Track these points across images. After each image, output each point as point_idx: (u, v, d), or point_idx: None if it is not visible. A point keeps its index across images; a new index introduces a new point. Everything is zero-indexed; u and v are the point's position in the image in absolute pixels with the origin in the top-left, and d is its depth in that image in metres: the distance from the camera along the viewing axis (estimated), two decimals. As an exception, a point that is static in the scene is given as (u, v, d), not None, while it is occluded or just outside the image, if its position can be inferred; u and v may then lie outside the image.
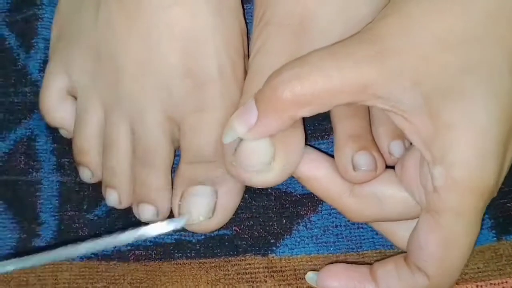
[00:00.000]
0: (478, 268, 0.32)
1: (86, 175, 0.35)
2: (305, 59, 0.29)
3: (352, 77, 0.27)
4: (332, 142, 0.35)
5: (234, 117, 0.30)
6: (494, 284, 0.32)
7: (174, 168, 0.34)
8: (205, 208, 0.32)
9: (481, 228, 0.33)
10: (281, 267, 0.33)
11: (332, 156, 0.32)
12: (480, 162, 0.27)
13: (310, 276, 0.32)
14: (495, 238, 0.33)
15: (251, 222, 0.34)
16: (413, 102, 0.27)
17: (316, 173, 0.31)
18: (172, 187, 0.34)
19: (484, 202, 0.28)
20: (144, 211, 0.33)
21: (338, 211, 0.32)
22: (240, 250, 0.34)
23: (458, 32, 0.27)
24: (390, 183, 0.31)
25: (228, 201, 0.33)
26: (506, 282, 0.31)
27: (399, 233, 0.32)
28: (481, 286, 0.32)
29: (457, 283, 0.32)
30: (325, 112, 0.34)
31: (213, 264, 0.33)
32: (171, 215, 0.34)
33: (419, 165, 0.29)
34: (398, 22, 0.28)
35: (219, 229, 0.34)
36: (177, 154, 0.35)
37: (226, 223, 0.34)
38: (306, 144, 0.32)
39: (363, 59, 0.27)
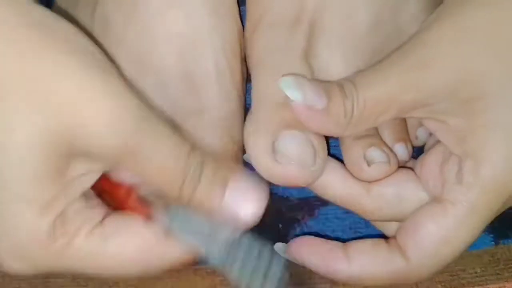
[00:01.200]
0: (475, 272, 0.33)
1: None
2: (359, 73, 0.31)
3: (394, 90, 0.29)
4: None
5: (306, 83, 0.30)
6: (492, 289, 0.32)
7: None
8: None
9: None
10: (277, 273, 0.34)
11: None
12: (506, 164, 0.28)
13: (278, 246, 0.33)
14: (492, 242, 0.34)
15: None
16: (451, 107, 0.29)
17: (329, 177, 0.32)
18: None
19: (501, 205, 0.29)
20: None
21: (334, 214, 0.32)
22: (237, 255, 0.34)
23: (504, 41, 0.29)
24: (410, 181, 0.31)
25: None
26: (504, 286, 0.32)
27: None
28: (479, 290, 0.33)
29: (455, 288, 0.32)
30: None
31: (209, 270, 0.34)
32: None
33: (443, 160, 0.30)
34: (448, 29, 0.29)
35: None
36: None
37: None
38: None
39: (406, 70, 0.29)
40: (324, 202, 0.35)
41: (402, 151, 0.33)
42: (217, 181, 0.28)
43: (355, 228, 0.35)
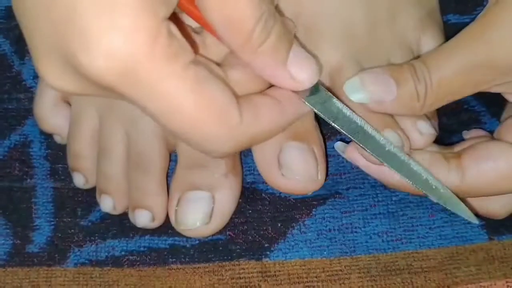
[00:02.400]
0: (470, 271, 0.34)
1: (80, 181, 0.36)
2: (429, 54, 0.31)
3: (468, 70, 0.29)
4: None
5: (370, 82, 0.30)
6: (484, 286, 0.33)
7: (170, 173, 0.35)
8: (202, 214, 0.33)
9: (473, 227, 0.34)
10: (275, 272, 0.34)
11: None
12: None
13: (338, 144, 0.33)
14: (487, 237, 0.35)
15: (245, 227, 0.35)
16: None
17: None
18: (168, 191, 0.35)
19: None
20: (140, 217, 0.34)
21: (331, 214, 0.33)
22: (234, 255, 0.34)
23: None
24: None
25: (225, 206, 0.34)
26: (495, 284, 0.33)
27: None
28: (471, 288, 0.33)
29: (448, 286, 0.33)
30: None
31: (207, 269, 0.34)
32: (167, 220, 0.35)
33: None
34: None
35: (213, 234, 0.35)
36: (173, 160, 0.36)
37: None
38: None
39: (478, 51, 0.29)
40: (321, 202, 0.36)
41: (425, 127, 0.33)
42: (285, 40, 0.27)
43: (352, 228, 0.35)
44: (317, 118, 0.35)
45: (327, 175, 0.35)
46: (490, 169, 0.30)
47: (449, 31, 0.31)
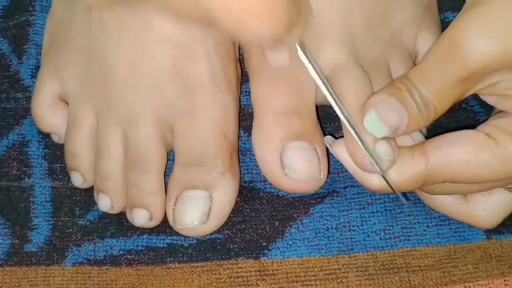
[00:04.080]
0: (467, 269, 0.34)
1: (78, 180, 0.36)
2: (412, 72, 0.30)
3: (446, 84, 0.29)
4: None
5: (385, 112, 0.30)
6: (482, 285, 0.33)
7: (168, 172, 0.36)
8: (200, 213, 0.33)
9: (471, 226, 0.34)
10: (273, 271, 0.34)
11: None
12: None
13: (327, 138, 0.33)
14: (484, 236, 0.35)
15: (243, 226, 0.35)
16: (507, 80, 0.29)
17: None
18: (165, 190, 0.35)
19: None
20: (138, 216, 0.35)
21: (329, 212, 0.33)
22: (232, 253, 0.35)
23: None
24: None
25: (223, 205, 0.34)
26: (493, 282, 0.33)
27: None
28: (469, 287, 0.33)
29: (445, 284, 0.33)
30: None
31: (205, 268, 0.34)
32: (165, 219, 0.35)
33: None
34: (478, 22, 0.29)
35: (211, 233, 0.35)
36: (171, 159, 0.36)
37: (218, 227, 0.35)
38: None
39: (446, 65, 0.29)
40: (318, 201, 0.36)
41: (417, 135, 0.33)
42: None
43: (349, 226, 0.35)
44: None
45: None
46: (455, 152, 0.30)
47: (447, 29, 0.31)
